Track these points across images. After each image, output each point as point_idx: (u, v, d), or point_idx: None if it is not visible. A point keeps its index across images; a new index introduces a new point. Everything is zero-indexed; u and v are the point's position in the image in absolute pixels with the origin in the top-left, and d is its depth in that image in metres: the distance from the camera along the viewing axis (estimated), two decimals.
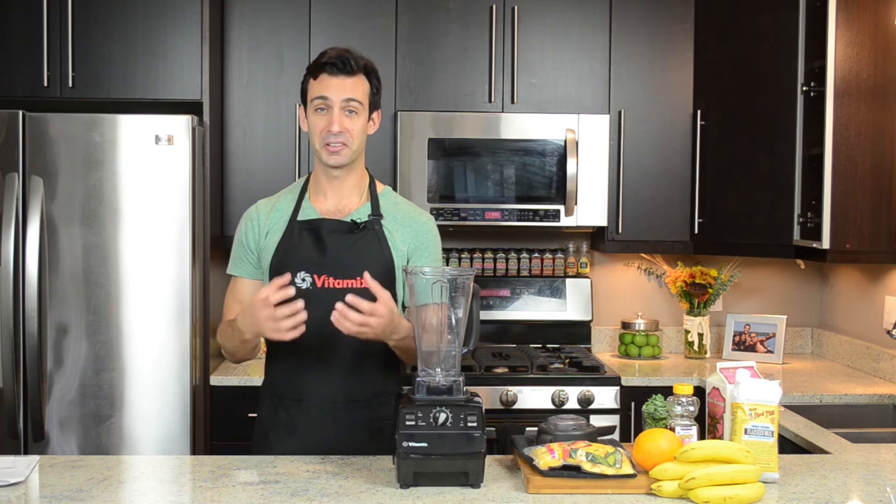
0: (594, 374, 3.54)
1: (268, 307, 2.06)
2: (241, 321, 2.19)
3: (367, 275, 2.11)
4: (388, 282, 2.31)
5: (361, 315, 2.06)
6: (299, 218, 2.34)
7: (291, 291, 2.07)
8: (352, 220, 2.32)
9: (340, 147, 2.27)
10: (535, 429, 2.16)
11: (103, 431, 3.27)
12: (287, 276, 2.09)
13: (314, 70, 2.29)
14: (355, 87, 2.27)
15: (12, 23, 3.40)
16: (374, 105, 2.34)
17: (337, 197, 2.36)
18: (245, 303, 2.38)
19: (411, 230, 2.36)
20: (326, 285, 2.27)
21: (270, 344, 2.37)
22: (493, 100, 3.81)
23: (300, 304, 2.07)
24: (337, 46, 2.34)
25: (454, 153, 3.75)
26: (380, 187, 2.41)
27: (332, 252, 2.29)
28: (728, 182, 3.76)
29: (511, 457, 2.18)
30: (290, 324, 2.07)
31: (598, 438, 2.10)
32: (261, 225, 2.36)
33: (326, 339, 2.25)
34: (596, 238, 4.07)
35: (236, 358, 2.38)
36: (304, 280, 2.27)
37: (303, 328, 2.09)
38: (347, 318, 2.05)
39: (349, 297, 2.05)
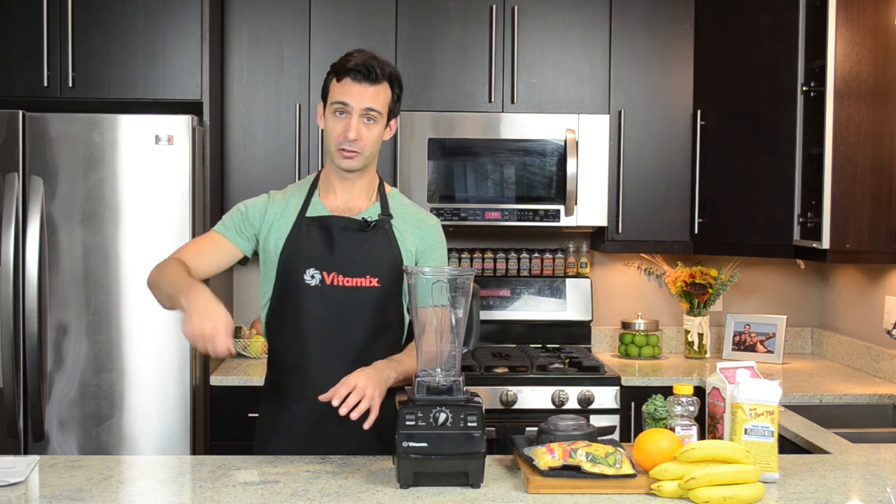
0: (594, 374, 3.54)
1: (219, 329, 1.99)
2: (190, 288, 2.08)
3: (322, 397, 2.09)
4: (397, 281, 2.31)
5: (355, 393, 2.06)
6: (308, 214, 2.33)
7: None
8: (363, 218, 2.32)
9: (354, 154, 2.27)
10: (535, 429, 2.16)
11: (103, 431, 3.28)
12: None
13: (339, 72, 2.27)
14: (377, 95, 2.26)
15: (12, 23, 3.40)
16: (393, 112, 2.33)
17: (347, 196, 2.36)
18: (210, 255, 2.32)
19: (419, 231, 2.37)
20: (336, 283, 2.27)
21: (273, 341, 2.37)
22: (493, 100, 3.81)
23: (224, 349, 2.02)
24: (364, 50, 2.31)
25: (454, 153, 3.75)
26: (388, 189, 2.42)
27: (342, 249, 2.29)
28: (728, 182, 3.76)
29: (511, 457, 2.18)
30: (206, 347, 2.00)
31: (598, 438, 2.10)
32: (269, 213, 2.35)
33: (330, 338, 2.26)
34: (596, 238, 4.07)
35: (154, 293, 2.25)
36: (312, 277, 2.27)
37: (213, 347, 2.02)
38: (351, 406, 2.05)
39: (322, 398, 2.07)
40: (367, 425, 2.07)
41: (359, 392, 2.06)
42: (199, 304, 2.02)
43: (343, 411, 2.05)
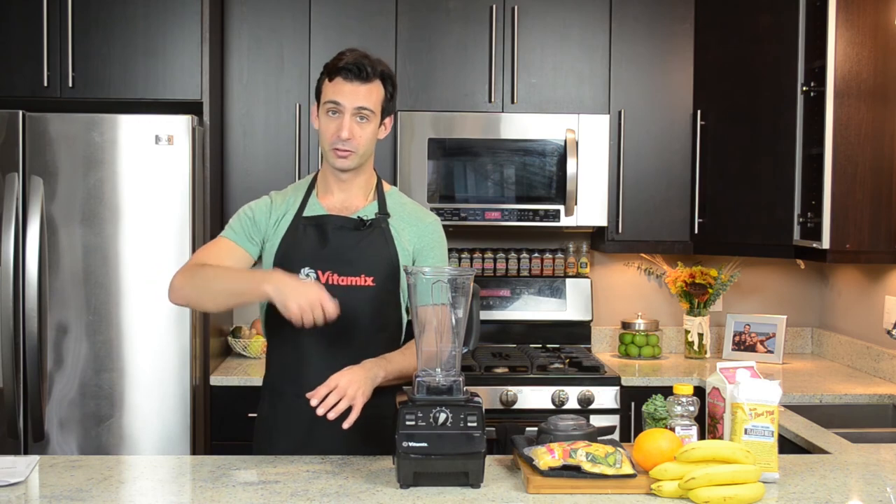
0: (594, 374, 3.54)
1: (322, 293, 2.06)
2: (266, 275, 2.13)
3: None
4: (393, 280, 2.31)
5: (335, 393, 2.06)
6: (305, 214, 2.34)
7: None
8: (358, 216, 2.32)
9: (348, 154, 2.27)
10: (535, 429, 2.16)
11: (103, 431, 3.28)
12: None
13: (331, 72, 2.28)
14: (369, 94, 2.26)
15: (12, 23, 3.40)
16: (387, 111, 2.33)
17: (344, 195, 2.36)
18: (225, 261, 2.31)
19: (417, 230, 2.36)
20: (331, 282, 2.27)
21: (271, 341, 2.37)
22: (493, 100, 3.81)
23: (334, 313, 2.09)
24: (356, 49, 2.31)
25: (454, 153, 3.75)
26: (386, 187, 2.42)
27: (336, 248, 2.29)
28: (728, 182, 3.76)
29: (511, 457, 2.18)
30: (319, 313, 2.07)
31: (598, 438, 2.10)
32: (273, 216, 2.35)
33: (328, 336, 2.25)
34: (596, 238, 4.07)
35: (200, 300, 2.28)
36: (307, 276, 2.27)
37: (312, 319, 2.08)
38: (329, 406, 2.05)
39: (307, 395, 2.07)
40: (346, 424, 2.07)
41: (339, 392, 2.06)
42: (288, 285, 2.08)
43: (320, 412, 2.04)
